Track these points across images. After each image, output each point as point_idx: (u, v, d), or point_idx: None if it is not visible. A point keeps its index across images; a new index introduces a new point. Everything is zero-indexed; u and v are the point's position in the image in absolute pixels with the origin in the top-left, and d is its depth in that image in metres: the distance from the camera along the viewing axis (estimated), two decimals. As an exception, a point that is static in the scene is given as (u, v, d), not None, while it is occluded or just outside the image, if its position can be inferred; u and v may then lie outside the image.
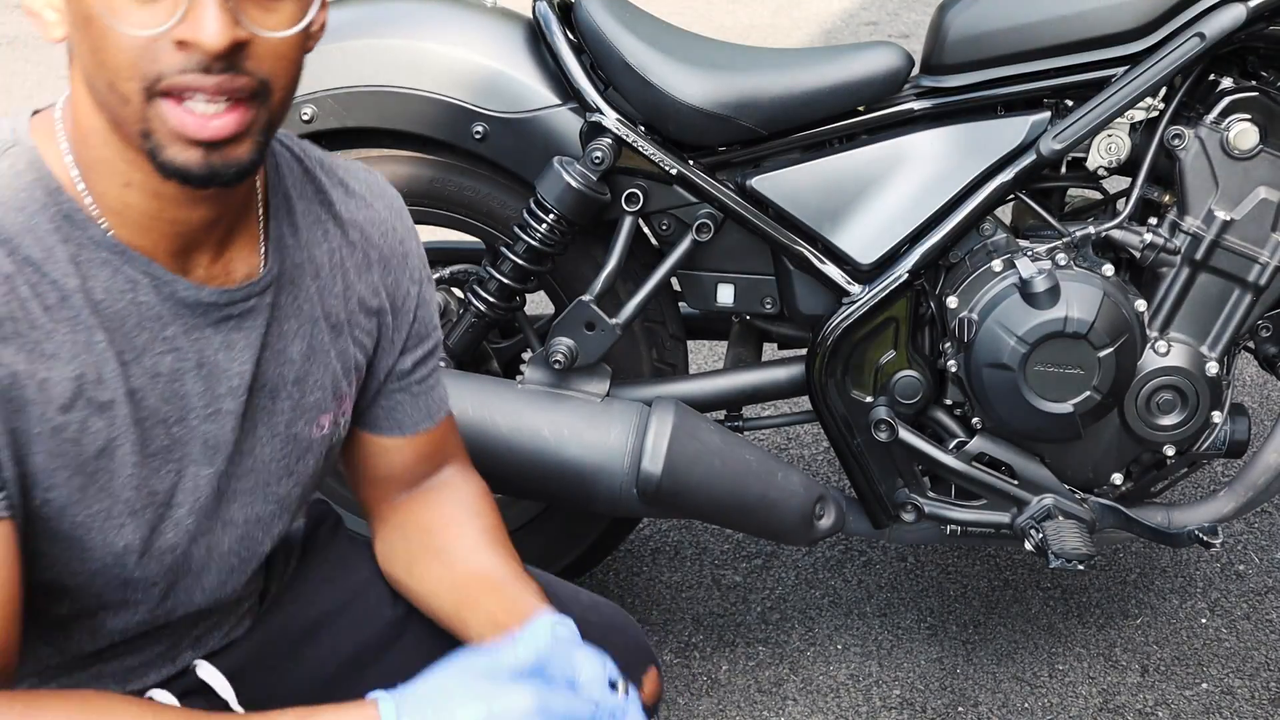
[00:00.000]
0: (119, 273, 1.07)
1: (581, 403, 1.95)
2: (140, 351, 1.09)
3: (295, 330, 1.19)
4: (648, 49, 1.91)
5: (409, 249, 1.30)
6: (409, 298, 1.30)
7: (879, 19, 5.59)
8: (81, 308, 1.05)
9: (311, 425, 1.23)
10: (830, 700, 2.16)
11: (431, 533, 1.34)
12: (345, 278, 1.24)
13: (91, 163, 1.06)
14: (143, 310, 1.08)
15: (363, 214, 1.25)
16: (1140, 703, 2.14)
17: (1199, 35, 1.82)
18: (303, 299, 1.20)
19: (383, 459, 1.35)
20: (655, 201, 1.96)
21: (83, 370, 1.05)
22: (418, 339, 1.32)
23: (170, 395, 1.11)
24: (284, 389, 1.20)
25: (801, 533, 2.02)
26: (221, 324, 1.13)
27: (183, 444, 1.13)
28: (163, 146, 1.00)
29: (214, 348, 1.13)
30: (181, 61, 0.97)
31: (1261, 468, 2.00)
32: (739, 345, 2.18)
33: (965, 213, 1.91)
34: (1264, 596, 2.36)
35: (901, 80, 1.94)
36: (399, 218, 1.29)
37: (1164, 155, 1.90)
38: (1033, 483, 2.00)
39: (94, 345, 1.06)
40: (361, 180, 1.28)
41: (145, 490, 1.11)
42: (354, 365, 1.27)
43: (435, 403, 1.36)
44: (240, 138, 1.02)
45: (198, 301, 1.11)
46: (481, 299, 2.00)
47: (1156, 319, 1.92)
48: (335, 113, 1.97)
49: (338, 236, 1.23)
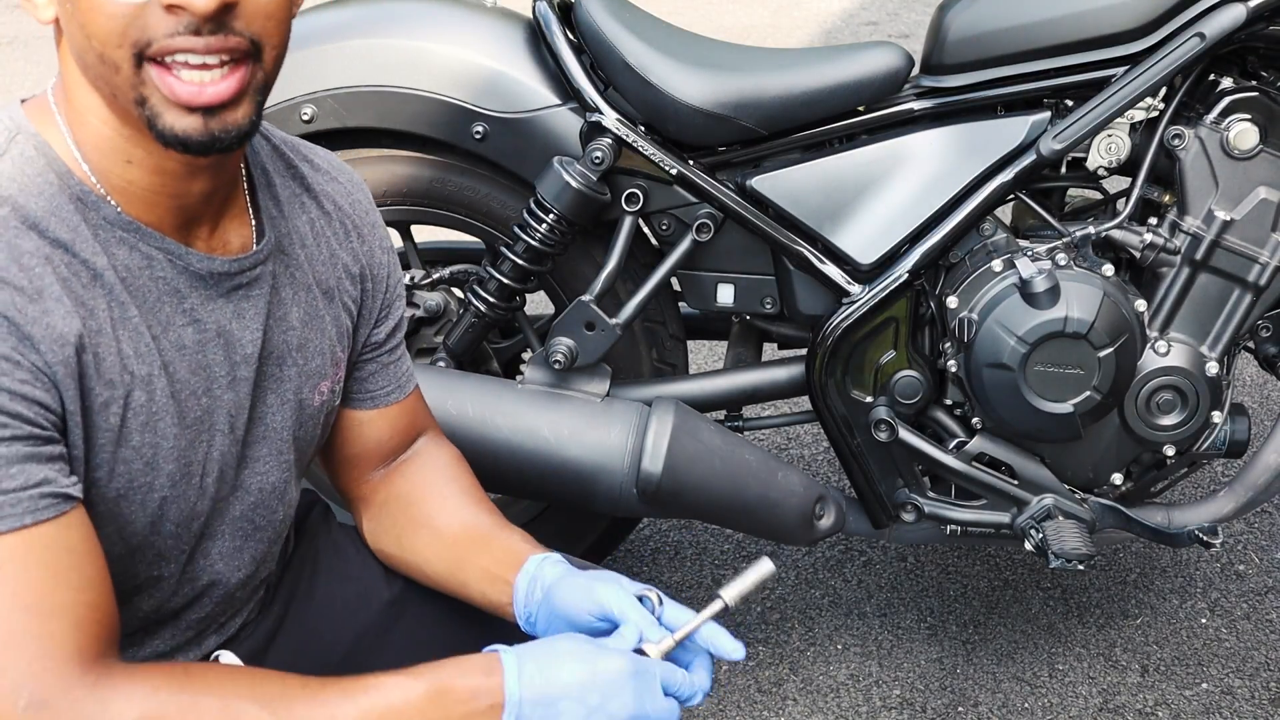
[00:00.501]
0: (135, 249, 1.09)
1: (581, 403, 1.95)
2: (166, 325, 1.11)
3: (293, 298, 1.22)
4: (648, 49, 1.91)
5: (375, 219, 1.33)
6: (382, 265, 1.33)
7: (879, 19, 5.59)
8: (114, 284, 1.07)
9: (314, 391, 1.26)
10: (830, 700, 2.16)
11: (414, 503, 1.37)
12: (329, 246, 1.27)
13: (92, 142, 1.07)
14: (162, 285, 1.10)
15: (331, 186, 1.29)
16: (1140, 703, 2.14)
17: (1199, 35, 1.82)
18: (295, 267, 1.23)
19: (357, 433, 1.38)
20: (655, 201, 1.96)
21: (123, 345, 1.07)
22: (388, 307, 1.36)
23: (197, 366, 1.14)
24: (289, 356, 1.22)
25: (801, 533, 2.02)
26: (232, 293, 1.15)
27: (210, 414, 1.16)
28: (159, 114, 1.01)
29: (228, 317, 1.15)
30: (170, 25, 0.98)
31: (1261, 468, 2.00)
32: (739, 345, 2.18)
33: (965, 213, 1.91)
34: (1264, 596, 2.36)
35: (901, 80, 1.94)
36: (360, 190, 1.33)
37: (1164, 155, 1.90)
38: (1033, 483, 2.00)
39: (129, 320, 1.08)
40: (322, 157, 1.31)
41: (184, 461, 1.13)
42: (345, 331, 1.30)
43: (404, 373, 1.39)
44: (238, 100, 1.03)
45: (210, 272, 1.13)
46: (481, 299, 2.00)
47: (1156, 319, 1.92)
48: (335, 113, 1.97)
49: (314, 208, 1.26)
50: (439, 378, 1.94)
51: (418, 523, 1.36)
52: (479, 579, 1.29)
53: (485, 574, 1.28)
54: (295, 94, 1.97)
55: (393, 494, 1.39)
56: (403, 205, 2.05)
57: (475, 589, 1.29)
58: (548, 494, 1.99)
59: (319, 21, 1.99)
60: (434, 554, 1.34)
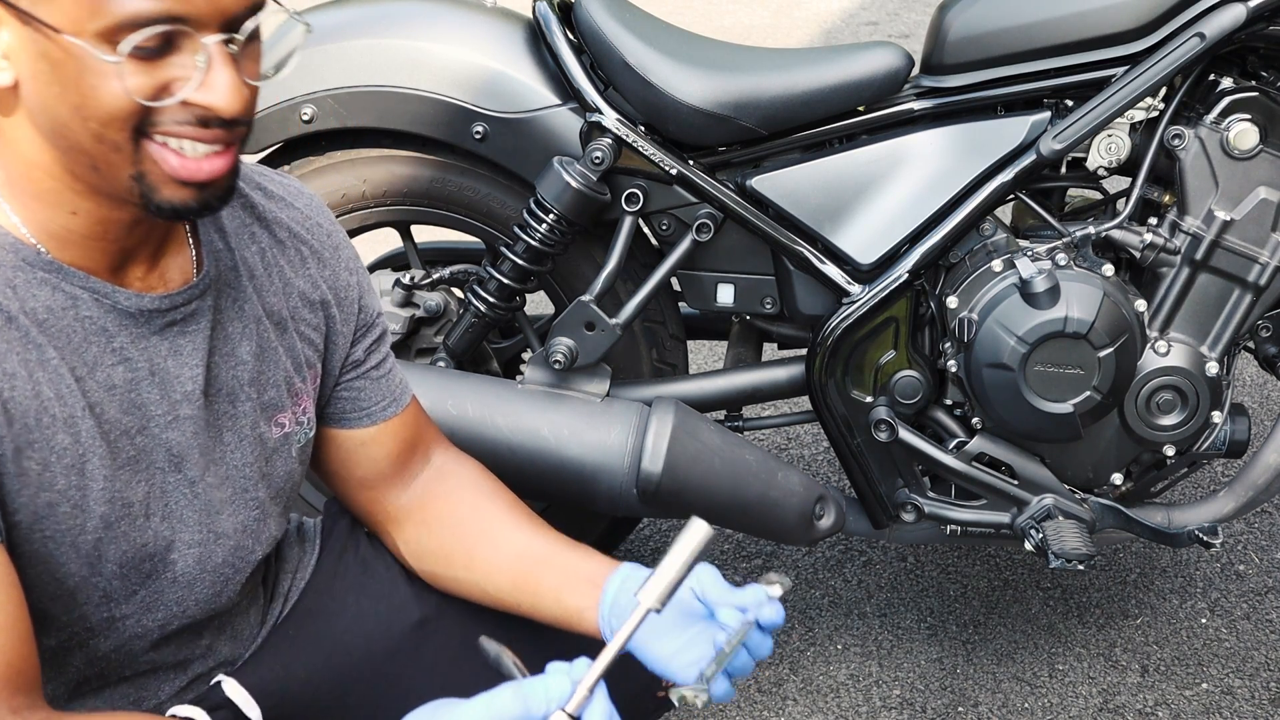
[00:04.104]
0: (58, 289, 1.07)
1: (581, 403, 1.95)
2: (92, 365, 1.09)
3: (241, 331, 1.20)
4: (648, 49, 1.91)
5: (338, 241, 1.31)
6: (349, 288, 1.31)
7: (879, 19, 5.59)
8: (28, 327, 1.05)
9: (270, 424, 1.24)
10: (830, 700, 2.16)
11: (460, 523, 1.35)
12: (281, 275, 1.25)
13: (29, 192, 1.05)
14: (87, 325, 1.09)
15: (285, 213, 1.27)
16: (1140, 703, 2.14)
17: (1199, 35, 1.82)
18: (243, 300, 1.20)
19: (361, 454, 1.35)
20: (655, 201, 1.96)
21: (40, 388, 1.05)
22: (365, 327, 1.33)
23: (129, 405, 1.11)
24: (241, 391, 1.20)
25: (801, 533, 2.02)
26: (166, 330, 1.13)
27: (148, 453, 1.13)
28: (156, 188, 1.01)
29: (162, 355, 1.13)
30: (183, 116, 0.99)
31: (1261, 468, 2.00)
32: (739, 345, 2.18)
33: (965, 213, 1.91)
34: (1264, 596, 2.36)
35: (901, 80, 1.94)
36: (320, 213, 1.30)
37: (1164, 155, 1.90)
38: (1033, 483, 2.00)
39: (47, 362, 1.06)
40: (277, 183, 1.29)
41: (119, 502, 1.11)
42: (304, 361, 1.27)
43: (396, 386, 1.37)
44: (229, 172, 1.04)
45: (140, 309, 1.11)
46: (481, 299, 2.00)
47: (1156, 319, 1.92)
48: (335, 113, 1.97)
49: (265, 237, 1.24)
50: (439, 378, 1.94)
51: (469, 542, 1.34)
52: (549, 604, 1.28)
53: (555, 597, 1.27)
54: (295, 94, 1.96)
55: (432, 515, 1.36)
56: (403, 205, 2.05)
57: (545, 610, 1.28)
58: (547, 494, 1.99)
59: (319, 21, 1.99)
60: (493, 571, 1.32)
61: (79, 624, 1.14)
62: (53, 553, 1.08)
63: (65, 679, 1.17)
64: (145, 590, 1.16)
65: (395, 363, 1.38)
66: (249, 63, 1.01)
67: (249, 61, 1.01)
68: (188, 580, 1.18)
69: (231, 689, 1.27)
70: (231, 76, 0.98)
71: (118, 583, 1.13)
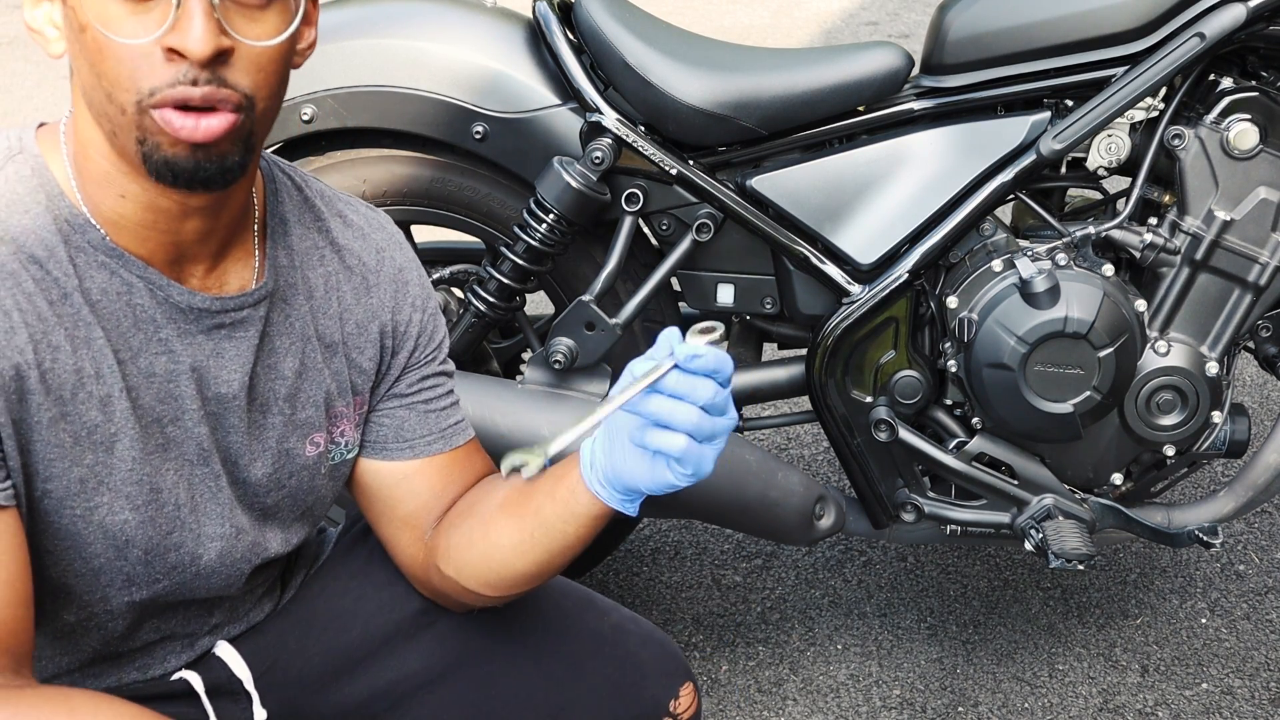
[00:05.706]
0: (115, 275, 1.11)
1: (581, 403, 1.95)
2: (136, 351, 1.13)
3: (288, 347, 1.22)
4: (648, 49, 1.91)
5: (408, 278, 1.31)
6: (410, 323, 1.31)
7: (879, 19, 5.59)
8: (81, 305, 1.09)
9: (305, 442, 1.25)
10: (830, 700, 2.16)
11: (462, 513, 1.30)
12: (341, 301, 1.26)
13: (89, 174, 1.10)
14: (138, 312, 1.12)
15: (359, 243, 1.29)
16: (1140, 703, 2.14)
17: (1199, 35, 1.82)
18: (295, 317, 1.23)
19: (405, 488, 1.31)
20: (655, 201, 1.96)
21: (82, 364, 1.09)
22: (420, 363, 1.33)
23: (165, 395, 1.15)
24: (275, 404, 1.22)
25: (801, 533, 2.02)
26: (214, 331, 1.16)
27: (179, 444, 1.16)
28: (157, 147, 1.04)
29: (205, 354, 1.16)
30: (172, 74, 1.01)
31: (1261, 468, 2.00)
32: (739, 345, 2.18)
33: (965, 213, 1.91)
34: (1264, 596, 2.36)
35: (901, 80, 1.94)
36: (398, 248, 1.31)
37: (1164, 155, 1.90)
38: (1033, 483, 2.00)
39: (93, 341, 1.10)
40: (361, 214, 1.31)
41: (147, 486, 1.14)
42: (350, 387, 1.28)
43: (449, 425, 1.33)
44: (227, 139, 1.05)
45: (190, 307, 1.14)
46: (481, 299, 2.00)
47: (1156, 319, 1.92)
48: (335, 113, 1.97)
49: (334, 262, 1.26)
50: (439, 378, 1.94)
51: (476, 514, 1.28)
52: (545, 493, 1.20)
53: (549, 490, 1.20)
54: (295, 94, 1.96)
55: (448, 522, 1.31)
56: (403, 205, 2.05)
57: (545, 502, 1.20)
58: (548, 494, 1.98)
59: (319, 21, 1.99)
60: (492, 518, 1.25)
61: (99, 604, 1.18)
62: (81, 531, 1.12)
63: (80, 654, 1.22)
64: (169, 580, 1.19)
65: (456, 406, 1.35)
66: (239, 18, 1.03)
67: (239, 17, 1.03)
68: (209, 571, 1.22)
69: (223, 650, 1.31)
70: (203, 20, 1.00)
71: (142, 568, 1.17)
